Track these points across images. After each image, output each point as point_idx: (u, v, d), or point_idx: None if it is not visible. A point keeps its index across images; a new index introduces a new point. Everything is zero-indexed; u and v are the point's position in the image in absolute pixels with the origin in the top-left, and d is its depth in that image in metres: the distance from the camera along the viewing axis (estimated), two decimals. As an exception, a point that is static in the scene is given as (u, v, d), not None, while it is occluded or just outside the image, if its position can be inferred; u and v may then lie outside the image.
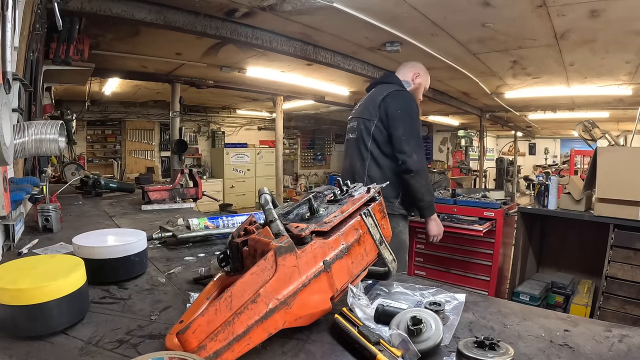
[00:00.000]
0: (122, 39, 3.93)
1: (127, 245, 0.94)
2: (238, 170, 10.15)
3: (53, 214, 1.47)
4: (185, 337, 0.51)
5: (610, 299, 2.53)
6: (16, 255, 1.15)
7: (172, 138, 6.04)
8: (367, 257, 0.78)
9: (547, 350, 0.61)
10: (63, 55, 2.88)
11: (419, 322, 0.60)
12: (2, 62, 1.13)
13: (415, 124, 2.01)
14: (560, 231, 3.29)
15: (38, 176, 2.12)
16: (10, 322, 0.64)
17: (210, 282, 0.76)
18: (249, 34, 3.59)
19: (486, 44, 3.90)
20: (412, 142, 1.92)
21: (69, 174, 3.34)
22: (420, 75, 2.16)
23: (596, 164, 2.48)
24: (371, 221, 0.79)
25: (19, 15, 1.49)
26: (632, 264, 2.45)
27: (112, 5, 2.84)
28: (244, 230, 0.78)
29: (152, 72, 5.53)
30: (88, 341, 0.65)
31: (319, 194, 0.90)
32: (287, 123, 10.25)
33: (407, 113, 1.95)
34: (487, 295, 1.06)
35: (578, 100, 6.64)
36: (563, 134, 13.02)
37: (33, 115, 2.22)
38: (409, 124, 1.95)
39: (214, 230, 1.35)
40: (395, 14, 3.06)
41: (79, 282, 0.70)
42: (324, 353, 0.62)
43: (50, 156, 3.18)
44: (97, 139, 8.61)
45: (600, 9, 2.90)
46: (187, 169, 2.49)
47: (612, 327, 0.69)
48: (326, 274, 0.67)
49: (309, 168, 12.72)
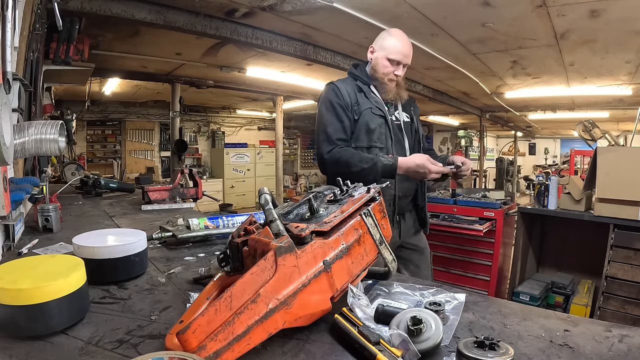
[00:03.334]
0: (122, 39, 3.93)
1: (127, 245, 0.94)
2: (238, 170, 10.15)
3: (53, 214, 1.47)
4: (185, 337, 0.51)
5: (610, 299, 2.53)
6: (16, 255, 1.15)
7: (172, 138, 6.04)
8: (367, 257, 0.78)
9: (547, 350, 0.61)
10: (63, 55, 2.88)
11: (419, 322, 0.60)
12: (2, 62, 1.13)
13: (319, 119, 1.70)
14: (560, 231, 3.29)
15: (38, 176, 2.12)
16: (10, 322, 0.64)
17: (210, 282, 0.76)
18: (249, 34, 3.59)
19: (486, 44, 3.90)
20: (319, 138, 1.68)
21: (69, 174, 3.34)
22: (375, 49, 1.73)
23: (596, 164, 2.49)
24: (371, 221, 0.79)
25: (19, 15, 1.49)
26: (632, 264, 2.45)
27: (112, 5, 2.84)
28: (244, 230, 0.78)
29: (152, 72, 5.53)
30: (88, 341, 0.65)
31: (319, 194, 0.90)
32: (287, 123, 10.25)
33: (318, 109, 1.74)
34: (487, 295, 1.06)
35: (578, 100, 6.64)
36: (563, 134, 13.02)
37: (33, 115, 2.22)
38: (316, 121, 1.74)
39: (214, 230, 1.35)
40: (395, 14, 3.06)
41: (79, 282, 0.70)
42: (324, 353, 0.62)
43: (50, 156, 3.18)
44: (97, 139, 8.61)
45: (600, 9, 2.90)
46: (187, 169, 2.49)
47: (612, 327, 0.68)
48: (326, 274, 0.67)
49: (309, 168, 12.72)
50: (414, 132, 1.81)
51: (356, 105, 1.68)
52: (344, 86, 1.71)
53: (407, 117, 1.80)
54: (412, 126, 1.82)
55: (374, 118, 1.68)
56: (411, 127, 1.81)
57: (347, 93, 1.68)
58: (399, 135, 1.74)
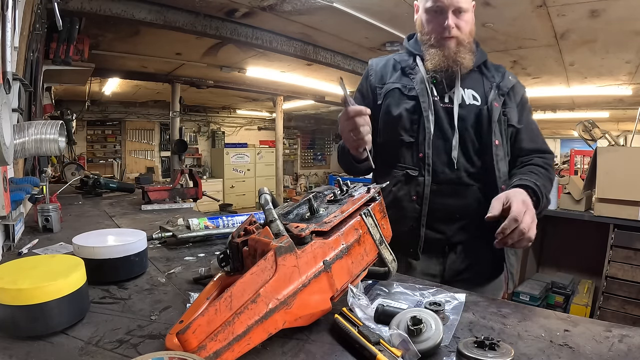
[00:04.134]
0: (122, 39, 3.94)
1: (127, 245, 0.94)
2: (238, 170, 10.15)
3: (53, 214, 1.47)
4: (185, 337, 0.51)
5: (610, 299, 2.53)
6: (16, 255, 1.15)
7: (172, 138, 6.05)
8: (367, 257, 0.78)
9: (547, 350, 0.61)
10: (63, 55, 2.88)
11: (419, 322, 0.60)
12: (2, 62, 1.13)
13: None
14: (560, 231, 3.29)
15: (38, 176, 2.12)
16: (10, 322, 0.64)
17: (210, 282, 0.76)
18: (249, 34, 3.60)
19: (486, 43, 3.90)
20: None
21: (69, 174, 3.34)
22: (416, 5, 1.31)
23: (596, 164, 2.49)
24: (371, 221, 0.79)
25: (19, 15, 1.49)
26: (632, 264, 2.45)
27: (112, 5, 2.85)
28: (244, 230, 0.78)
29: (152, 72, 5.54)
30: (88, 341, 0.65)
31: (319, 194, 0.90)
32: (287, 123, 10.26)
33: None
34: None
35: (578, 100, 6.64)
36: (563, 134, 13.01)
37: (33, 115, 2.23)
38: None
39: (214, 230, 1.35)
40: (395, 14, 3.06)
41: (79, 282, 0.70)
42: (324, 353, 0.62)
43: (50, 156, 3.18)
44: (97, 139, 8.61)
45: (600, 9, 2.90)
46: (187, 169, 2.49)
47: (612, 327, 0.68)
48: (326, 274, 0.67)
49: (309, 168, 12.72)
50: (486, 122, 1.17)
51: (380, 87, 1.27)
52: (378, 63, 1.33)
53: (475, 98, 1.20)
54: (481, 112, 1.17)
55: (400, 101, 1.21)
56: (480, 113, 1.17)
57: (375, 73, 1.30)
58: (446, 125, 1.18)
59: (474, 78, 1.22)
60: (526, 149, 1.23)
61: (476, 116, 1.18)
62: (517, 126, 1.22)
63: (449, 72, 1.19)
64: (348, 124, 1.04)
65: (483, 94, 1.20)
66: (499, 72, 1.25)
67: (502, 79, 1.23)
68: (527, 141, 1.23)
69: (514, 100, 1.24)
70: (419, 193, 1.17)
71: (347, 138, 1.09)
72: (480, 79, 1.23)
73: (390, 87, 1.24)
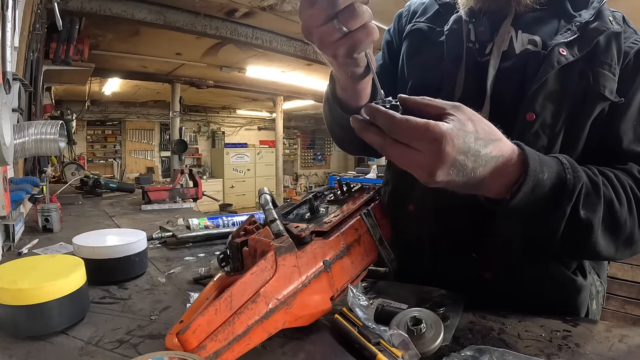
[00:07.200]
0: (122, 39, 3.94)
1: (127, 245, 0.94)
2: (238, 170, 10.15)
3: (53, 214, 1.47)
4: (185, 337, 0.51)
5: (610, 299, 2.53)
6: (16, 255, 1.15)
7: (172, 138, 6.05)
8: (367, 257, 0.78)
9: (547, 350, 0.61)
10: (63, 55, 2.89)
11: (419, 322, 0.60)
12: (2, 62, 1.13)
13: None
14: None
15: (38, 176, 2.12)
16: (10, 322, 0.64)
17: (210, 282, 0.76)
18: (249, 34, 3.60)
19: None
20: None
21: (69, 174, 3.34)
22: None
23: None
24: (371, 221, 0.79)
25: (19, 15, 1.49)
26: (632, 264, 2.45)
27: (112, 5, 2.85)
28: (244, 230, 0.78)
29: (152, 72, 5.54)
30: (88, 341, 0.65)
31: (319, 194, 0.90)
32: (287, 123, 10.27)
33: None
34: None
35: None
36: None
37: (33, 115, 2.23)
38: None
39: (214, 230, 1.35)
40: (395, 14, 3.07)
41: (79, 282, 0.70)
42: (324, 353, 0.62)
43: (50, 156, 3.18)
44: (97, 139, 8.62)
45: (600, 9, 2.90)
46: (187, 169, 2.49)
47: (612, 327, 0.68)
48: (326, 274, 0.67)
49: (309, 168, 12.73)
50: (550, 78, 0.66)
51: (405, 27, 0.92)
52: (416, 1, 0.96)
53: (533, 43, 0.71)
54: (534, 62, 0.69)
55: (422, 48, 0.84)
56: (530, 64, 0.69)
57: (409, 11, 0.96)
58: (480, 77, 0.73)
59: (541, 16, 0.73)
60: (627, 151, 0.67)
61: (523, 70, 0.70)
62: (614, 100, 0.67)
63: (502, 13, 0.74)
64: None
65: (550, 38, 0.70)
66: (593, 7, 0.71)
67: (598, 18, 0.69)
68: (630, 134, 0.68)
69: (613, 56, 0.69)
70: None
71: (326, 33, 0.50)
72: (554, 16, 0.73)
73: (414, 27, 0.87)
